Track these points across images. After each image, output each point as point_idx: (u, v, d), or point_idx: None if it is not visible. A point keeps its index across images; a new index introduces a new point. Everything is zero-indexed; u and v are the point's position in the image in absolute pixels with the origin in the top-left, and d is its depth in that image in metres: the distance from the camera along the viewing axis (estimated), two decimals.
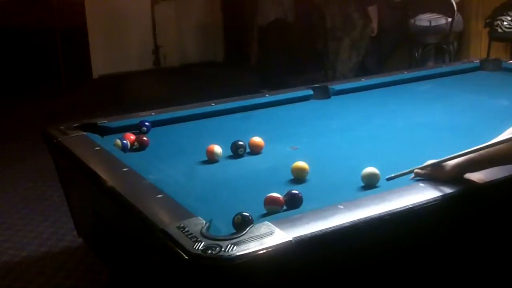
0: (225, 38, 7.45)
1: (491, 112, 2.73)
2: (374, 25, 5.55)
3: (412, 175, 1.88)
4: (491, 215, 1.83)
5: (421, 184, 1.79)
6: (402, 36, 5.73)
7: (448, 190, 1.74)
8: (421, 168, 1.86)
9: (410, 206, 1.66)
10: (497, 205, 1.84)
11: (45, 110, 5.43)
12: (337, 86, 3.17)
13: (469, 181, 1.79)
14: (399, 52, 5.96)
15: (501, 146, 1.69)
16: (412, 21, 5.43)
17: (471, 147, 1.80)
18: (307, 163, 2.05)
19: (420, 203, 1.68)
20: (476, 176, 1.80)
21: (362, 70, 5.68)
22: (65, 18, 6.31)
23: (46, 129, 2.51)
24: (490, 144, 1.72)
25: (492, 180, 1.80)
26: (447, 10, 5.28)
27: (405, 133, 2.53)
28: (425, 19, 5.37)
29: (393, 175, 1.88)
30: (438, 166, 1.82)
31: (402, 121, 2.71)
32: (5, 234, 3.27)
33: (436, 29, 5.38)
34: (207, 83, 6.21)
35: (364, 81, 3.30)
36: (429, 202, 1.69)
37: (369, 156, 2.17)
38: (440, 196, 1.72)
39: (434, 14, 5.36)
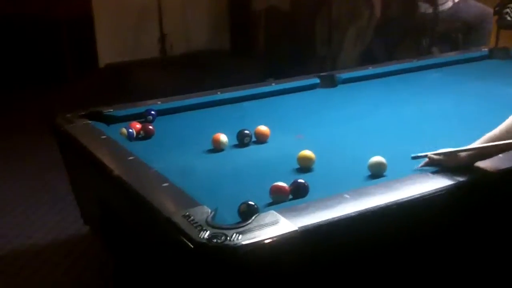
0: (231, 27, 7.41)
1: (500, 101, 2.70)
2: (377, 13, 5.53)
3: (421, 162, 1.86)
4: (502, 205, 1.82)
5: (429, 174, 1.78)
6: (410, 25, 5.68)
7: (457, 178, 1.73)
8: (435, 154, 1.84)
9: (417, 195, 1.65)
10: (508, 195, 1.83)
11: (51, 99, 5.43)
12: (344, 75, 3.15)
13: (481, 170, 1.77)
14: (407, 41, 5.91)
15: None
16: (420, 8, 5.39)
17: (480, 136, 1.79)
18: (313, 152, 2.04)
19: (427, 193, 1.67)
20: (488, 165, 1.78)
21: (370, 59, 5.64)
22: (71, 7, 6.29)
23: (52, 119, 2.51)
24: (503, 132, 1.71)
25: (504, 169, 1.79)
26: None
27: (413, 122, 2.51)
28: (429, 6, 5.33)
29: (419, 154, 1.86)
30: (453, 153, 1.80)
31: (410, 110, 2.69)
32: (13, 223, 3.28)
33: (442, 15, 5.34)
34: (214, 71, 6.18)
35: (371, 70, 3.27)
36: (436, 192, 1.68)
37: (376, 146, 2.15)
38: (447, 185, 1.71)
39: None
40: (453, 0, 5.28)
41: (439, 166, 1.82)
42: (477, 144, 1.79)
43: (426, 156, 1.86)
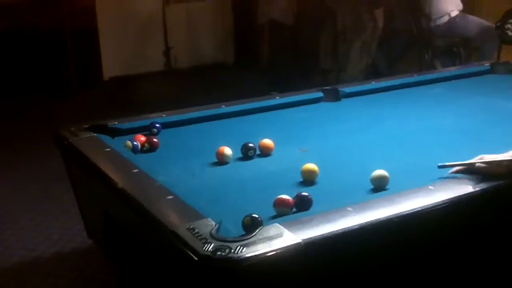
0: (235, 40, 7.46)
1: (502, 115, 2.72)
2: (380, 25, 5.58)
3: (453, 169, 1.87)
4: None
5: (430, 187, 1.79)
6: (412, 38, 5.72)
7: (456, 191, 1.74)
8: (480, 163, 1.84)
9: (419, 208, 1.66)
10: None
11: (56, 111, 5.45)
12: (347, 89, 3.17)
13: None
14: (409, 55, 5.94)
15: None
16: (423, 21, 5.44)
17: (483, 151, 1.80)
18: (317, 165, 2.05)
19: (430, 206, 1.68)
20: None
21: (373, 73, 5.67)
22: (76, 19, 6.34)
23: (57, 131, 2.53)
24: None
25: None
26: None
27: (416, 136, 2.52)
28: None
29: (447, 163, 1.87)
30: (495, 162, 1.81)
31: (413, 124, 2.70)
32: (16, 235, 3.28)
33: (439, 30, 5.39)
34: (218, 84, 6.22)
35: (374, 84, 3.29)
36: (438, 205, 1.69)
37: (379, 159, 2.16)
38: (450, 198, 1.72)
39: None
40: (449, 15, 5.33)
41: (478, 173, 1.82)
42: None
43: (454, 165, 1.87)
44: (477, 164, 1.85)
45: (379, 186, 1.92)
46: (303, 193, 1.82)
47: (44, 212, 3.54)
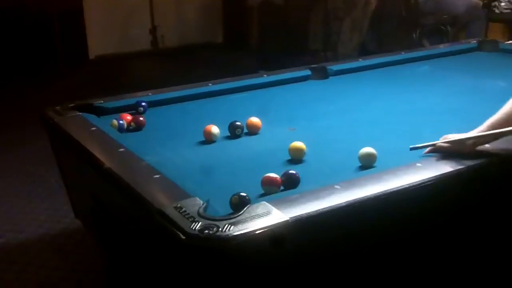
0: (224, 19, 7.39)
1: (489, 94, 2.72)
2: (372, 2, 5.55)
3: (426, 149, 1.88)
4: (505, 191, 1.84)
5: (418, 164, 1.79)
6: (401, 17, 5.71)
7: (465, 163, 1.74)
8: (443, 142, 1.86)
9: (406, 186, 1.66)
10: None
11: (42, 92, 5.39)
12: (335, 67, 3.16)
13: (487, 154, 1.79)
14: (398, 34, 5.93)
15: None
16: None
17: (470, 129, 1.80)
18: (304, 143, 2.05)
19: (416, 183, 1.68)
20: (492, 150, 1.80)
21: (363, 52, 5.66)
22: None
23: (42, 111, 2.50)
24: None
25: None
26: None
27: (404, 115, 2.52)
28: None
29: (417, 145, 1.88)
30: (460, 140, 1.82)
31: (400, 102, 2.70)
32: (4, 217, 3.27)
33: (426, 7, 5.38)
34: (206, 64, 6.17)
35: (362, 62, 3.28)
36: (425, 182, 1.69)
37: (366, 137, 2.16)
38: (437, 175, 1.72)
39: None
40: None
41: (446, 153, 1.83)
42: (480, 130, 1.80)
43: (424, 146, 1.87)
44: (439, 144, 1.86)
45: (366, 163, 1.92)
46: (291, 171, 1.82)
47: (31, 194, 3.53)
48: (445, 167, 1.76)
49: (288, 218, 1.47)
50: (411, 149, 1.88)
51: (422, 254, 1.77)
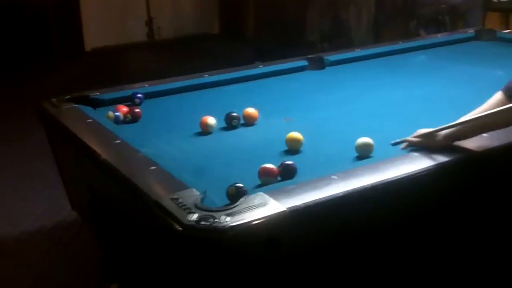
0: (220, 10, 7.35)
1: (486, 83, 2.70)
2: None
3: (404, 144, 1.88)
4: (486, 184, 1.83)
5: (415, 154, 1.79)
6: (398, 7, 5.69)
7: (441, 158, 1.74)
8: (414, 137, 1.86)
9: (403, 175, 1.66)
10: (492, 174, 1.84)
11: (38, 85, 5.37)
12: (332, 57, 3.15)
13: (462, 149, 1.79)
14: (395, 24, 5.91)
15: (489, 113, 1.70)
16: None
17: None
18: (301, 134, 2.04)
19: (413, 173, 1.68)
20: (469, 144, 1.79)
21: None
22: None
23: (39, 103, 2.49)
24: (479, 113, 1.72)
25: (487, 148, 1.80)
26: None
27: (401, 105, 2.51)
28: None
29: (398, 140, 1.88)
30: (429, 135, 1.82)
31: (397, 92, 2.69)
32: (1, 210, 3.26)
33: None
34: (202, 55, 6.15)
35: (358, 52, 3.27)
36: (422, 172, 1.69)
37: (363, 128, 2.15)
38: (433, 165, 1.72)
39: None
40: None
41: (419, 147, 1.83)
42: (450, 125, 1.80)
43: (402, 141, 1.88)
44: (410, 139, 1.86)
45: (363, 153, 1.91)
46: (288, 162, 1.82)
47: (28, 187, 3.52)
48: (442, 157, 1.76)
49: (285, 209, 1.47)
50: (393, 145, 1.88)
51: (419, 243, 1.76)
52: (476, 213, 1.84)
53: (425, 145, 1.83)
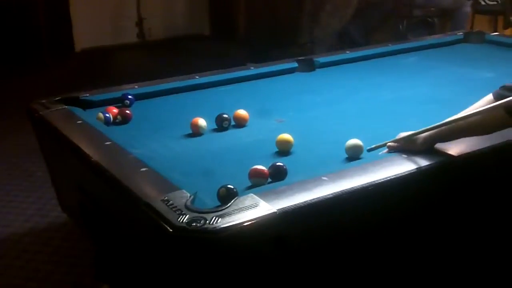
0: (211, 11, 7.35)
1: (475, 84, 2.73)
2: None
3: (385, 150, 1.89)
4: (469, 186, 1.85)
5: (404, 156, 1.80)
6: (388, 9, 5.72)
7: (426, 161, 1.75)
8: (394, 141, 1.87)
9: (393, 177, 1.67)
10: (473, 177, 1.86)
11: (28, 85, 5.35)
12: (322, 59, 3.16)
13: (443, 152, 1.80)
14: (385, 26, 5.94)
15: (470, 118, 1.70)
16: None
17: None
18: (292, 136, 2.05)
19: (402, 174, 1.69)
20: (451, 149, 1.81)
21: (349, 44, 5.67)
22: None
23: (28, 104, 2.48)
24: (460, 117, 1.73)
25: (467, 152, 1.82)
26: None
27: (391, 106, 2.53)
28: None
29: (373, 146, 1.89)
30: (410, 138, 1.83)
31: (388, 94, 2.71)
32: None
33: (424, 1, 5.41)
34: (193, 56, 6.14)
35: (348, 54, 3.29)
36: (412, 173, 1.70)
37: (354, 129, 2.17)
38: (420, 167, 1.73)
39: None
40: None
41: (399, 152, 1.84)
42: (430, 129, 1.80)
43: (383, 145, 1.89)
44: (389, 144, 1.88)
45: (353, 155, 1.92)
46: (278, 163, 1.82)
47: (18, 188, 3.50)
48: (432, 158, 1.77)
49: (275, 210, 1.47)
50: (368, 150, 1.88)
51: (409, 242, 1.78)
52: (460, 214, 1.86)
53: (405, 149, 1.83)
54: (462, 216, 1.86)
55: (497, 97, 1.77)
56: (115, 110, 2.44)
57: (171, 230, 1.43)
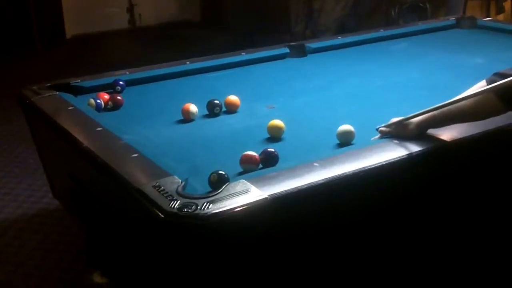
0: None
1: (467, 70, 2.74)
2: None
3: (378, 134, 1.89)
4: (460, 172, 1.86)
5: (395, 141, 1.80)
6: None
7: (417, 147, 1.76)
8: (386, 126, 1.87)
9: (384, 162, 1.68)
10: (466, 162, 1.87)
11: (19, 72, 5.31)
12: (314, 44, 3.15)
13: (435, 138, 1.81)
14: (378, 11, 5.93)
15: (462, 103, 1.71)
16: None
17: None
18: (283, 121, 2.05)
19: (393, 160, 1.69)
20: (443, 134, 1.81)
21: (341, 29, 5.66)
22: None
23: (19, 91, 2.47)
24: (452, 102, 1.73)
25: (459, 138, 1.82)
26: None
27: (382, 92, 2.53)
28: None
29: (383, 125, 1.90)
30: (402, 123, 1.83)
31: (379, 80, 2.71)
32: None
33: None
34: (184, 42, 6.12)
35: (340, 39, 3.28)
36: (402, 159, 1.70)
37: (345, 115, 2.17)
38: (413, 152, 1.73)
39: None
40: None
41: (391, 137, 1.84)
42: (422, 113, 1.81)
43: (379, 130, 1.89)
44: (381, 128, 1.88)
45: (345, 141, 1.93)
46: (269, 149, 1.82)
47: (10, 174, 3.49)
48: (423, 143, 1.78)
49: (266, 196, 1.48)
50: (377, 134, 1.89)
51: (400, 229, 1.79)
52: (453, 199, 1.87)
53: (397, 134, 1.84)
54: (454, 201, 1.87)
55: (490, 84, 1.77)
56: (106, 96, 2.43)
57: (162, 216, 1.43)
